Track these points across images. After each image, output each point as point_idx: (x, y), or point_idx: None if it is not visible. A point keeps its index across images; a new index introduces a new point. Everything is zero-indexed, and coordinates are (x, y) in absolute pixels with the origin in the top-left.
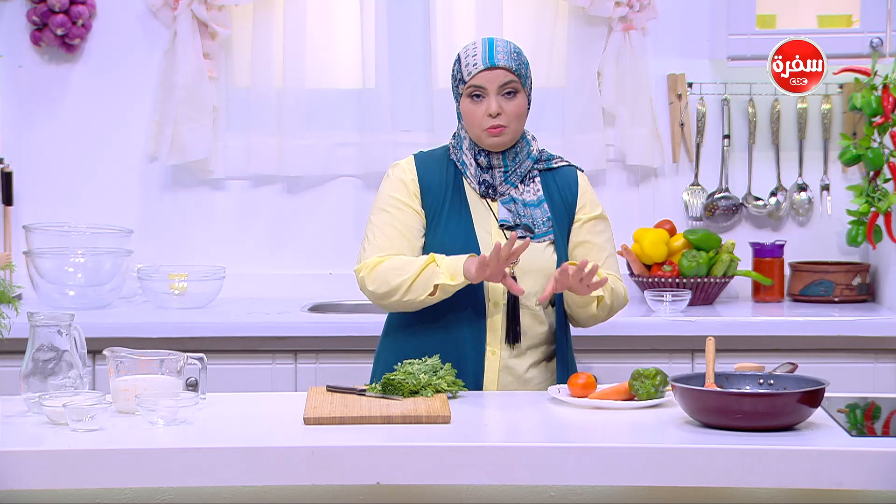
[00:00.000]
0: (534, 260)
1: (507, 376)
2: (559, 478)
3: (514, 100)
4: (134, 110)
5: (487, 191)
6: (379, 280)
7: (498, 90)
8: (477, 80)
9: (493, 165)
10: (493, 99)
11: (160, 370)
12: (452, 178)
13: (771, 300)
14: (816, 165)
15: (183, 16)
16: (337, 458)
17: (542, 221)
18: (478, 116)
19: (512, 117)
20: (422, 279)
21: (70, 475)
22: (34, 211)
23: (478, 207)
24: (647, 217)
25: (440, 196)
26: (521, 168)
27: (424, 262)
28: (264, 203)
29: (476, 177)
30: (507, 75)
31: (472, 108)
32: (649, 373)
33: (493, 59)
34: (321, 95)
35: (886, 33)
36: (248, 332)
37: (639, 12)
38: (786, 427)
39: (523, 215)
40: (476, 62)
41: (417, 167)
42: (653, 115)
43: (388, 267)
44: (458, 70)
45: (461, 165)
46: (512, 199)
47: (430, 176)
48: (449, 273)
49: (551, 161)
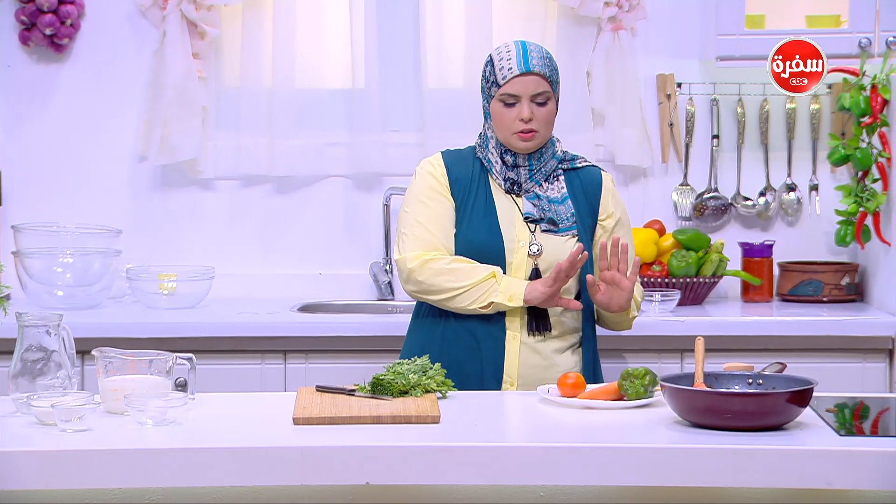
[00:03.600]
0: (558, 252)
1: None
2: (548, 478)
3: (546, 107)
4: (123, 110)
5: (512, 187)
6: (432, 279)
7: (531, 97)
8: (511, 87)
9: (519, 164)
10: (526, 105)
11: (149, 370)
12: (479, 174)
13: (760, 300)
14: (805, 165)
15: (172, 15)
16: (326, 459)
17: (566, 217)
18: (509, 120)
19: (543, 123)
20: (477, 291)
21: (59, 476)
22: (23, 211)
23: (503, 202)
24: (636, 217)
25: (466, 190)
26: (545, 167)
27: (484, 276)
28: (254, 203)
29: (501, 173)
30: (541, 83)
31: (503, 111)
32: (638, 373)
33: (529, 65)
34: (311, 95)
35: (875, 33)
36: (237, 333)
37: (628, 12)
38: (775, 427)
39: (548, 210)
40: (511, 66)
41: (445, 162)
42: (642, 116)
43: (443, 268)
44: (492, 72)
45: (487, 163)
46: (536, 195)
47: (457, 170)
48: (507, 294)
49: (575, 161)
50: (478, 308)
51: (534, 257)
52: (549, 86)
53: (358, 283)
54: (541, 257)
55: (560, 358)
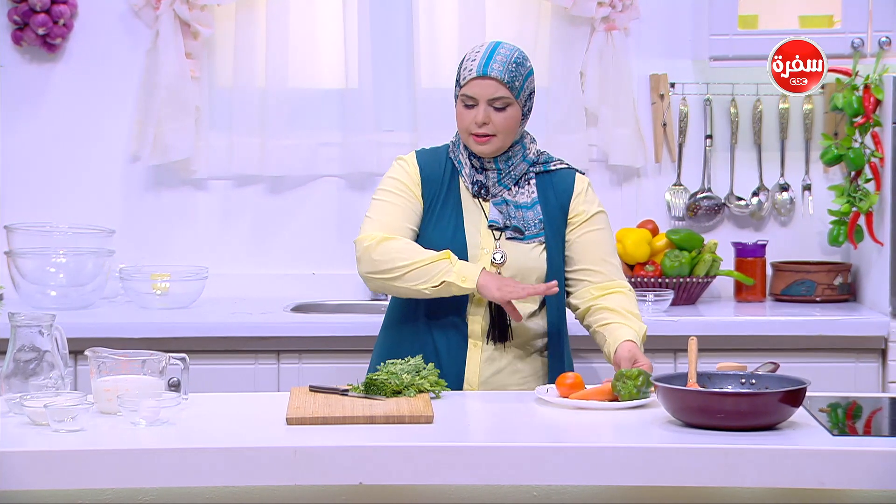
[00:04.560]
0: (522, 261)
1: (489, 367)
2: (542, 477)
3: (504, 112)
4: (116, 110)
5: (480, 191)
6: (384, 256)
7: (488, 101)
8: (469, 89)
9: (487, 168)
10: (482, 108)
11: (142, 370)
12: (449, 175)
13: (753, 300)
14: (798, 165)
15: (165, 15)
16: (319, 459)
17: (533, 224)
18: (466, 121)
19: (500, 128)
20: (429, 270)
21: (52, 476)
22: (15, 211)
23: (470, 206)
24: (629, 217)
25: (436, 191)
26: (514, 171)
27: (437, 255)
28: (247, 203)
29: (470, 176)
30: (498, 88)
31: (463, 111)
32: (632, 374)
33: (488, 69)
34: (304, 95)
35: (867, 34)
36: (230, 333)
37: (621, 12)
38: (768, 427)
39: (514, 217)
40: (472, 68)
41: (419, 161)
42: (635, 116)
43: (398, 247)
44: (458, 72)
45: (458, 164)
46: (504, 200)
47: (429, 170)
48: (461, 275)
49: (549, 164)
50: (430, 287)
51: (497, 265)
52: (508, 92)
53: (351, 283)
54: (504, 265)
55: (522, 364)
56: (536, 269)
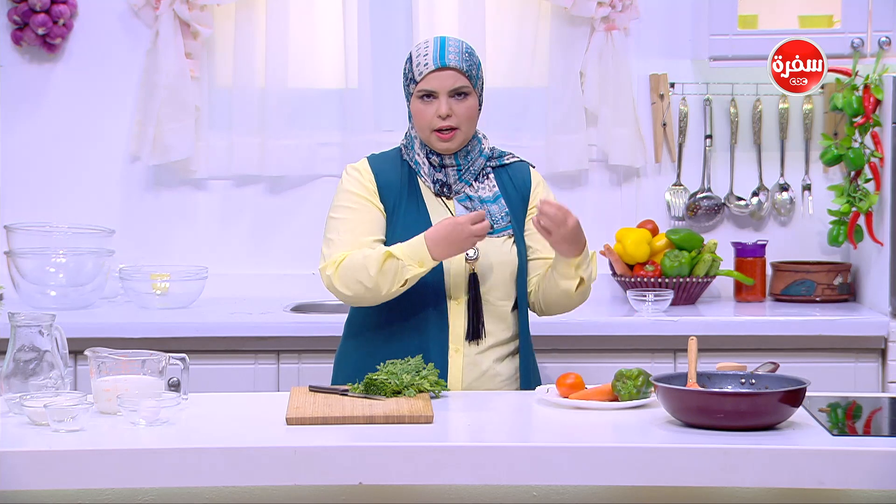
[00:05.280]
0: (494, 255)
1: (471, 373)
2: (541, 478)
3: (465, 102)
4: (116, 110)
5: (442, 189)
6: (347, 280)
7: (448, 93)
8: (427, 83)
9: (446, 164)
10: (444, 100)
11: (142, 370)
12: (407, 177)
13: (753, 300)
14: (798, 165)
15: (165, 15)
16: (319, 459)
17: (500, 216)
18: (427, 117)
19: (463, 119)
20: (387, 276)
21: (51, 476)
22: (15, 211)
23: (434, 206)
24: (629, 217)
25: (396, 195)
26: (474, 166)
27: (382, 259)
28: (247, 203)
29: (430, 175)
30: (458, 78)
31: (422, 108)
32: (632, 374)
33: (445, 60)
34: (304, 95)
35: (867, 34)
36: (230, 333)
37: (621, 12)
38: (767, 427)
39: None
40: (427, 62)
41: (372, 168)
42: (635, 116)
43: (351, 266)
44: (410, 69)
45: (414, 165)
46: (468, 196)
47: (385, 175)
48: (416, 262)
49: (503, 157)
50: (398, 289)
51: (471, 262)
52: (467, 80)
53: None
54: (478, 262)
55: (501, 366)
56: (509, 262)
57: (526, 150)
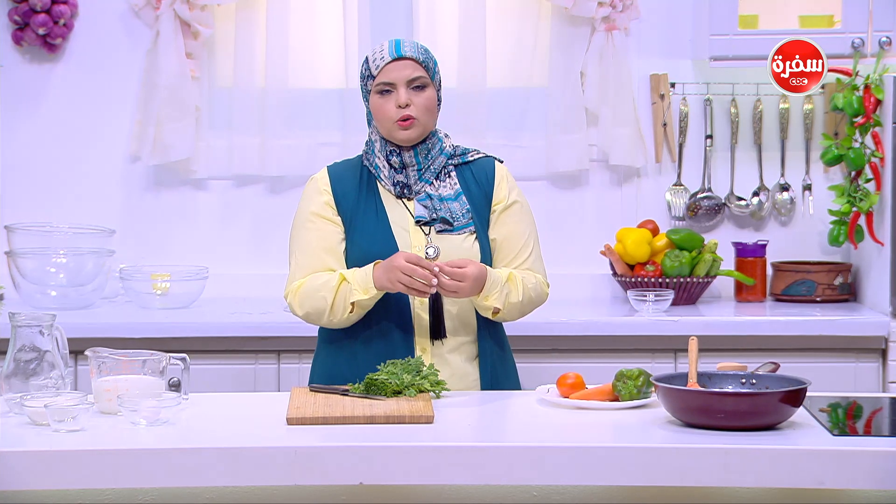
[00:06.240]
0: (456, 252)
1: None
2: (542, 478)
3: (424, 93)
4: (116, 110)
5: (402, 190)
6: (306, 306)
7: (407, 83)
8: (385, 75)
9: (406, 164)
10: (403, 91)
11: (142, 370)
12: (366, 182)
13: (753, 300)
14: (798, 165)
15: (165, 15)
16: (320, 459)
17: (460, 214)
18: (387, 110)
19: (422, 110)
20: (339, 300)
21: (52, 476)
22: (16, 211)
23: (394, 207)
24: (629, 217)
25: (354, 201)
26: (434, 164)
27: (337, 283)
28: (247, 203)
29: (390, 178)
30: (416, 68)
31: (381, 102)
32: (632, 374)
33: (401, 51)
34: (304, 95)
35: (868, 33)
36: (230, 333)
37: (621, 13)
38: (768, 427)
39: (440, 209)
40: (383, 55)
41: (330, 177)
42: (635, 116)
43: (308, 292)
44: (367, 68)
45: (374, 169)
46: (428, 195)
47: (342, 184)
48: (362, 288)
49: (466, 155)
50: (347, 315)
51: (432, 260)
52: (424, 71)
53: None
54: (439, 259)
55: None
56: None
57: (526, 150)
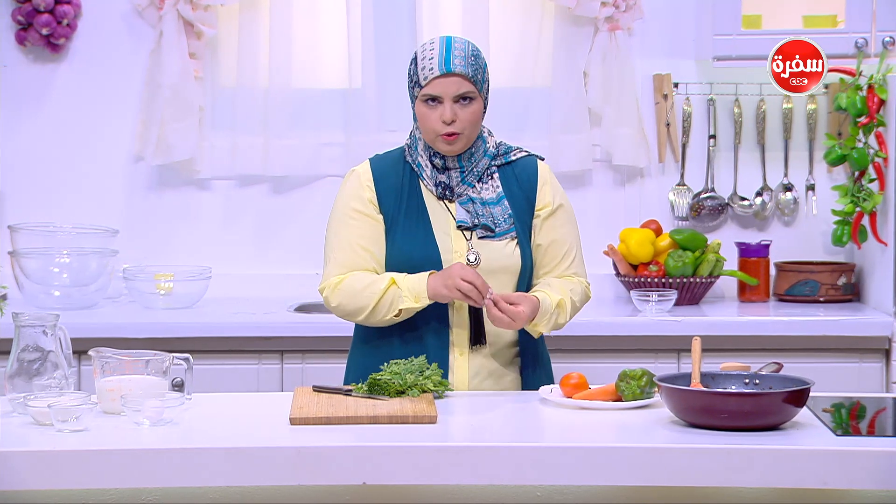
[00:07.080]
0: (497, 259)
1: (477, 377)
2: (545, 478)
3: (470, 107)
4: (119, 110)
5: (444, 192)
6: (343, 301)
7: (453, 98)
8: (432, 88)
9: (449, 167)
10: (448, 106)
11: (146, 370)
12: (409, 180)
13: (756, 300)
14: (802, 165)
15: (169, 15)
16: (323, 459)
17: (502, 219)
18: (432, 121)
19: (467, 124)
20: (384, 302)
21: (55, 476)
22: (19, 211)
23: (435, 209)
24: (633, 217)
25: (396, 200)
26: (477, 167)
27: (386, 285)
28: (250, 203)
29: (432, 178)
30: (463, 84)
31: (426, 112)
32: (635, 374)
33: (451, 65)
34: (307, 95)
35: (871, 33)
36: (234, 333)
37: (625, 12)
38: (771, 427)
39: (482, 214)
40: (432, 66)
41: (373, 173)
42: (639, 116)
43: (351, 288)
44: (415, 72)
45: (417, 167)
46: (470, 199)
47: (385, 181)
48: (413, 295)
49: (509, 154)
50: (391, 317)
51: (472, 267)
52: (472, 86)
53: None
54: (479, 266)
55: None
56: (511, 265)
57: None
